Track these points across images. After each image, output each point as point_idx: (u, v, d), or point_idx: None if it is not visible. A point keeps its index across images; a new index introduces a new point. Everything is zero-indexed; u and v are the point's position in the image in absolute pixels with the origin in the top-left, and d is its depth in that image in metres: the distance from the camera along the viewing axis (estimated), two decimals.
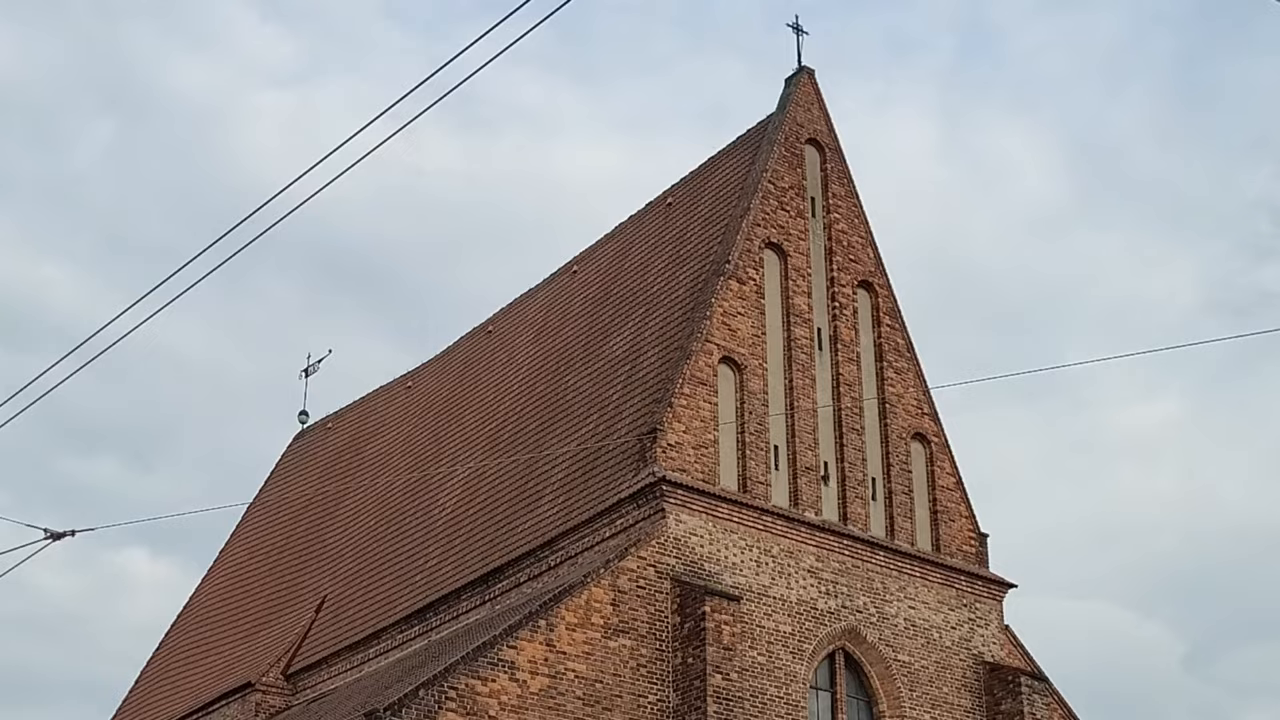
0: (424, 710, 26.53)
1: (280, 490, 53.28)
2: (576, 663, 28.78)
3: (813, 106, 37.81)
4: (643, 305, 37.30)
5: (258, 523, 52.78)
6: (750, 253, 34.95)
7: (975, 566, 36.06)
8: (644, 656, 29.79)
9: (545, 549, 33.40)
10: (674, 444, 31.84)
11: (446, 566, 37.03)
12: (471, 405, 43.57)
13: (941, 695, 34.19)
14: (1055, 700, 35.77)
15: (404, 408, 48.84)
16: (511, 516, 35.79)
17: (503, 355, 44.21)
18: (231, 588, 50.18)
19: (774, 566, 32.27)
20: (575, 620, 29.04)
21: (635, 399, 34.02)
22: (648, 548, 30.63)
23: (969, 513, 36.63)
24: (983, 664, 35.09)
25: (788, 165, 36.66)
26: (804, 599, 32.53)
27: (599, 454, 33.81)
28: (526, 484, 36.19)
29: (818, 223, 36.84)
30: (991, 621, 35.80)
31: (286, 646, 41.50)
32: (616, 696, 29.13)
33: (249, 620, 46.33)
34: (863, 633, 33.33)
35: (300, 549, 47.43)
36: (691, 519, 31.39)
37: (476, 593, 35.03)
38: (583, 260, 43.59)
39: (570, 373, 38.65)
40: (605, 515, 32.13)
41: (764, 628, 31.52)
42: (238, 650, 44.75)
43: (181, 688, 46.36)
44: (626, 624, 29.75)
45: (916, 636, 34.25)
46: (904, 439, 36.33)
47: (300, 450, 55.14)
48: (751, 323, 34.33)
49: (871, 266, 37.30)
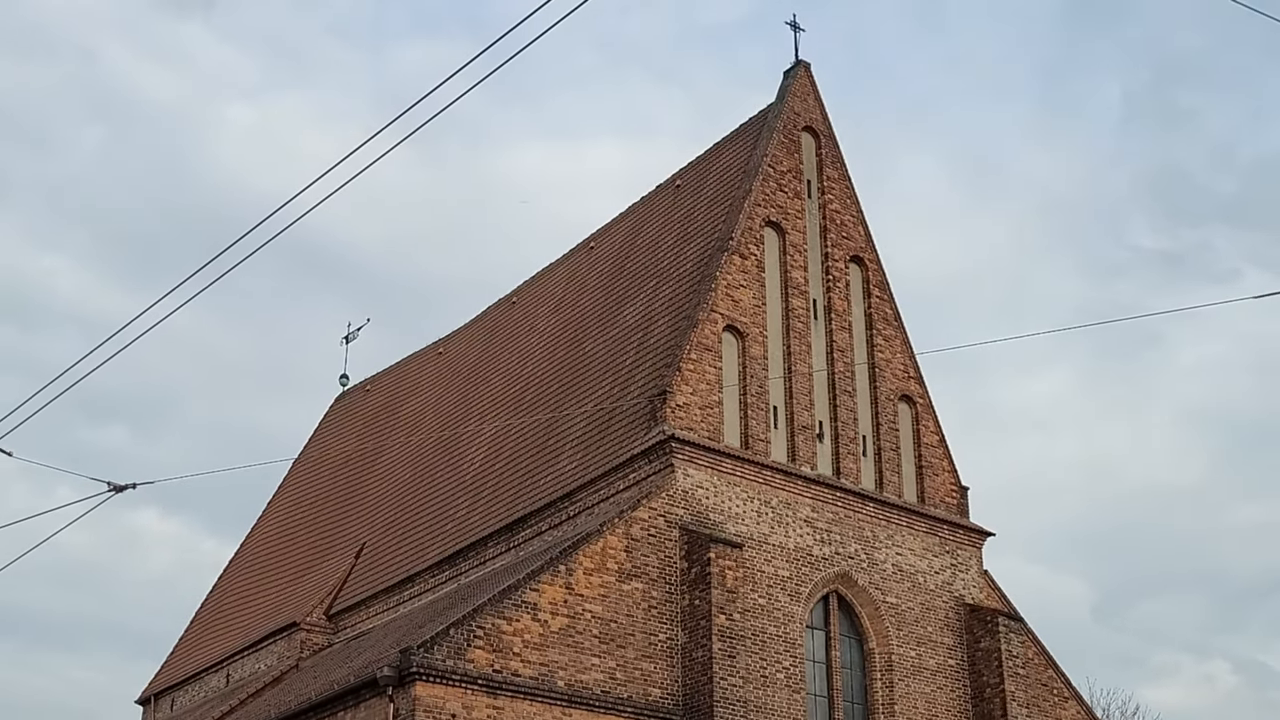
0: (454, 648, 26.68)
1: (322, 447, 53.38)
2: (593, 604, 28.90)
3: (809, 97, 37.78)
4: (653, 278, 37.32)
5: (302, 477, 52.90)
6: (751, 230, 34.98)
7: (957, 517, 36.15)
8: (655, 599, 29.91)
9: (564, 500, 33.50)
10: (682, 405, 31.92)
11: (474, 516, 37.15)
12: (497, 369, 43.62)
13: (926, 634, 34.32)
14: (1030, 639, 35.92)
15: (436, 372, 48.88)
16: (533, 471, 35.89)
17: (525, 324, 44.23)
18: (278, 536, 50.31)
19: (773, 516, 32.38)
20: (592, 565, 29.16)
21: (647, 364, 34.07)
22: (658, 499, 30.74)
23: (951, 467, 36.71)
24: (963, 605, 35.20)
25: (786, 151, 36.66)
26: (800, 546, 32.64)
27: (614, 414, 33.89)
28: (547, 441, 36.29)
29: (813, 203, 36.85)
30: (971, 567, 35.91)
31: (329, 589, 41.64)
32: (630, 635, 29.27)
33: (294, 565, 46.47)
34: (854, 577, 33.44)
35: (341, 500, 47.54)
36: (698, 473, 31.50)
37: (502, 540, 35.14)
38: (599, 237, 43.59)
39: (587, 340, 38.70)
40: (619, 470, 32.22)
41: (764, 572, 31.64)
42: (284, 593, 44.89)
43: (233, 627, 46.51)
44: (639, 569, 29.87)
45: (903, 580, 34.37)
46: (892, 400, 36.39)
47: (341, 411, 55.23)
48: (753, 294, 34.38)
49: (862, 243, 37.32)
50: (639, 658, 29.17)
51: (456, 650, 26.63)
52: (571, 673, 28.03)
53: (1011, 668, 34.26)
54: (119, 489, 24.29)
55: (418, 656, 26.11)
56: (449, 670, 26.34)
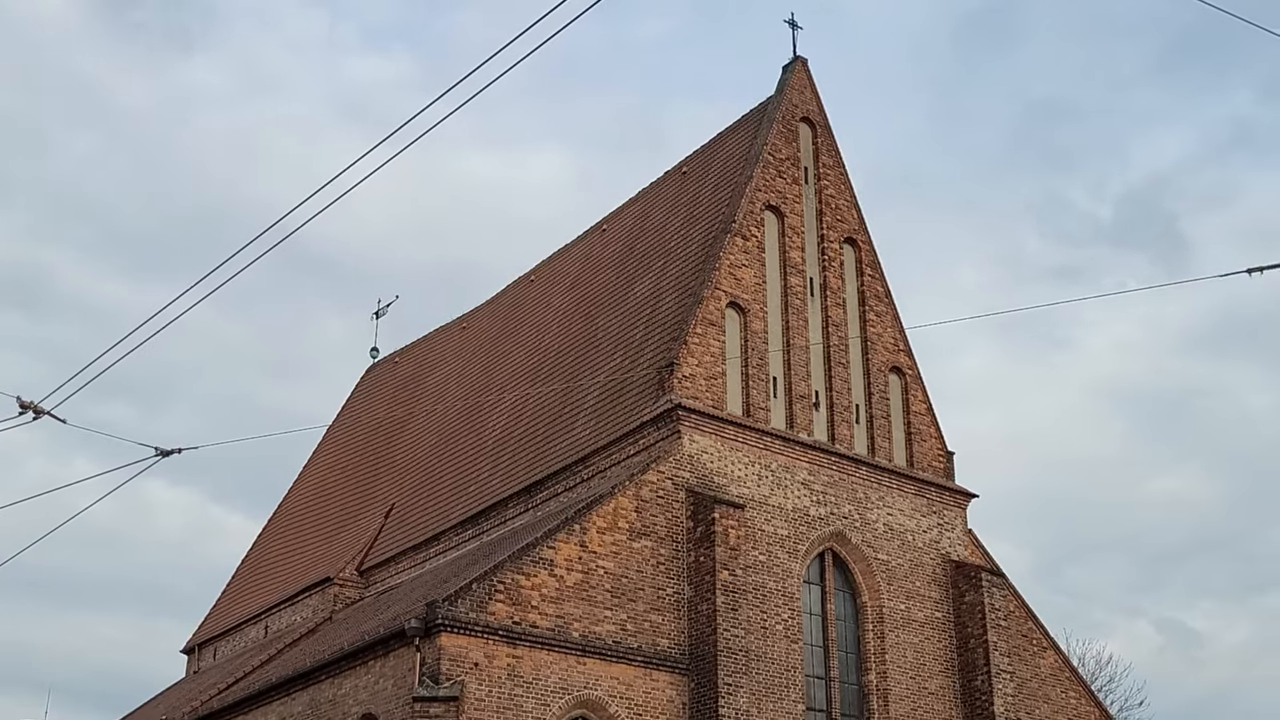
0: (477, 601, 26.77)
1: (354, 415, 53.48)
2: (605, 561, 28.97)
3: (805, 90, 37.71)
4: (661, 258, 37.32)
5: (335, 443, 52.99)
6: (753, 214, 34.96)
7: (943, 480, 36.17)
8: (663, 556, 29.98)
9: (579, 464, 33.55)
10: (688, 375, 31.95)
11: (495, 479, 37.22)
12: (516, 343, 43.64)
13: (914, 588, 34.38)
14: (1010, 593, 35.97)
15: (459, 345, 48.91)
16: (550, 437, 35.94)
17: (543, 301, 44.25)
18: (313, 498, 50.43)
19: (772, 479, 32.43)
20: (604, 525, 29.22)
21: (655, 337, 34.09)
22: (666, 463, 30.79)
23: (938, 434, 36.72)
24: (949, 562, 35.25)
25: (784, 140, 36.62)
26: (798, 507, 32.69)
27: (624, 384, 33.93)
28: (563, 409, 36.33)
29: (810, 188, 36.82)
30: (957, 526, 35.95)
31: (360, 547, 41.73)
32: (639, 589, 29.34)
33: (328, 525, 46.58)
34: (848, 535, 33.50)
35: (371, 464, 47.63)
36: (703, 439, 31.54)
37: (520, 501, 35.21)
38: (611, 220, 43.57)
39: (600, 315, 38.71)
40: (630, 436, 32.27)
41: (764, 531, 31.70)
42: (319, 550, 45.01)
43: (271, 582, 46.66)
44: (648, 528, 29.93)
45: (893, 539, 34.42)
46: (883, 371, 36.39)
47: (371, 381, 55.30)
48: (754, 273, 34.37)
49: (855, 225, 37.28)
50: (648, 610, 29.24)
51: (479, 603, 26.72)
52: (585, 624, 28.11)
53: (994, 620, 34.33)
54: (165, 454, 24.29)
55: (443, 609, 26.21)
56: (472, 622, 26.43)
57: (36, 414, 22.31)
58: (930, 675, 33.82)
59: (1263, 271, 19.41)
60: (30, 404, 22.12)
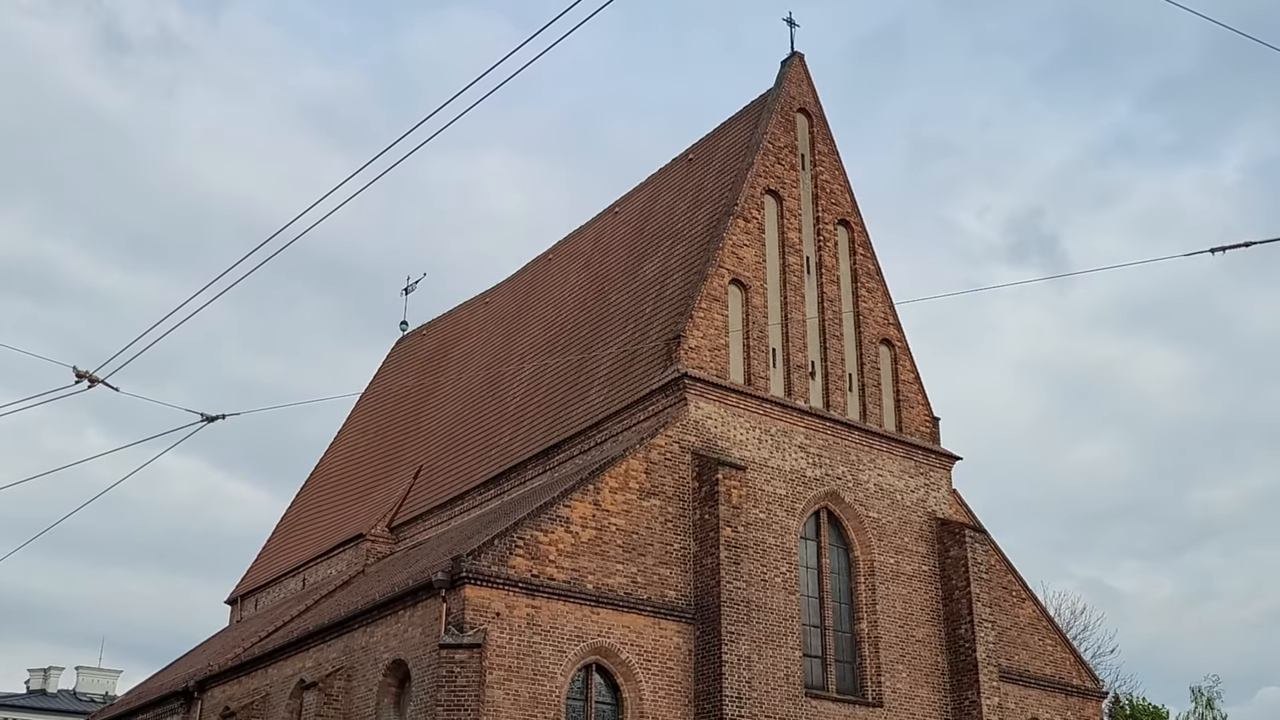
0: (498, 555, 26.83)
1: (385, 383, 53.55)
2: (617, 518, 29.00)
3: (802, 83, 37.59)
4: (669, 238, 37.28)
5: (367, 410, 53.06)
6: (753, 197, 34.90)
7: (930, 443, 36.16)
8: (670, 513, 30.01)
9: (593, 429, 33.56)
10: (694, 347, 31.94)
11: (516, 443, 37.25)
12: (535, 317, 43.65)
13: (903, 544, 34.41)
14: (992, 548, 35.99)
15: (483, 318, 48.92)
16: (566, 404, 35.96)
17: (559, 278, 44.23)
18: (347, 460, 50.52)
19: (772, 443, 32.44)
20: (616, 485, 29.24)
21: (663, 312, 34.07)
22: (673, 428, 30.80)
23: (925, 401, 36.70)
24: (935, 519, 35.27)
25: (783, 129, 36.53)
26: (795, 468, 32.71)
27: (635, 355, 33.92)
28: (578, 379, 36.34)
29: (806, 174, 36.73)
30: (942, 486, 35.96)
31: (390, 505, 41.79)
32: (649, 545, 29.39)
33: (361, 485, 46.67)
34: (842, 495, 33.52)
35: (401, 429, 47.70)
36: (707, 406, 31.54)
37: (539, 463, 35.24)
38: (622, 203, 43.52)
39: (612, 291, 38.69)
40: (640, 403, 32.27)
41: (764, 491, 31.73)
42: (352, 508, 45.10)
43: (308, 537, 46.77)
44: (657, 488, 29.95)
45: (884, 498, 34.44)
46: (874, 343, 36.36)
47: (401, 352, 55.34)
48: (754, 252, 34.33)
49: (849, 209, 37.21)
50: (657, 564, 29.29)
51: (500, 558, 26.78)
52: (599, 577, 28.15)
53: (976, 573, 34.36)
54: (210, 419, 24.27)
55: (467, 563, 26.27)
56: (494, 575, 26.49)
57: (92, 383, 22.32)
58: (917, 624, 33.86)
59: (1225, 250, 19.25)
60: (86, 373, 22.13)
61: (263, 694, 34.43)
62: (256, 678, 35.34)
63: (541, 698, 26.47)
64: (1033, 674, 36.07)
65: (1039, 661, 36.46)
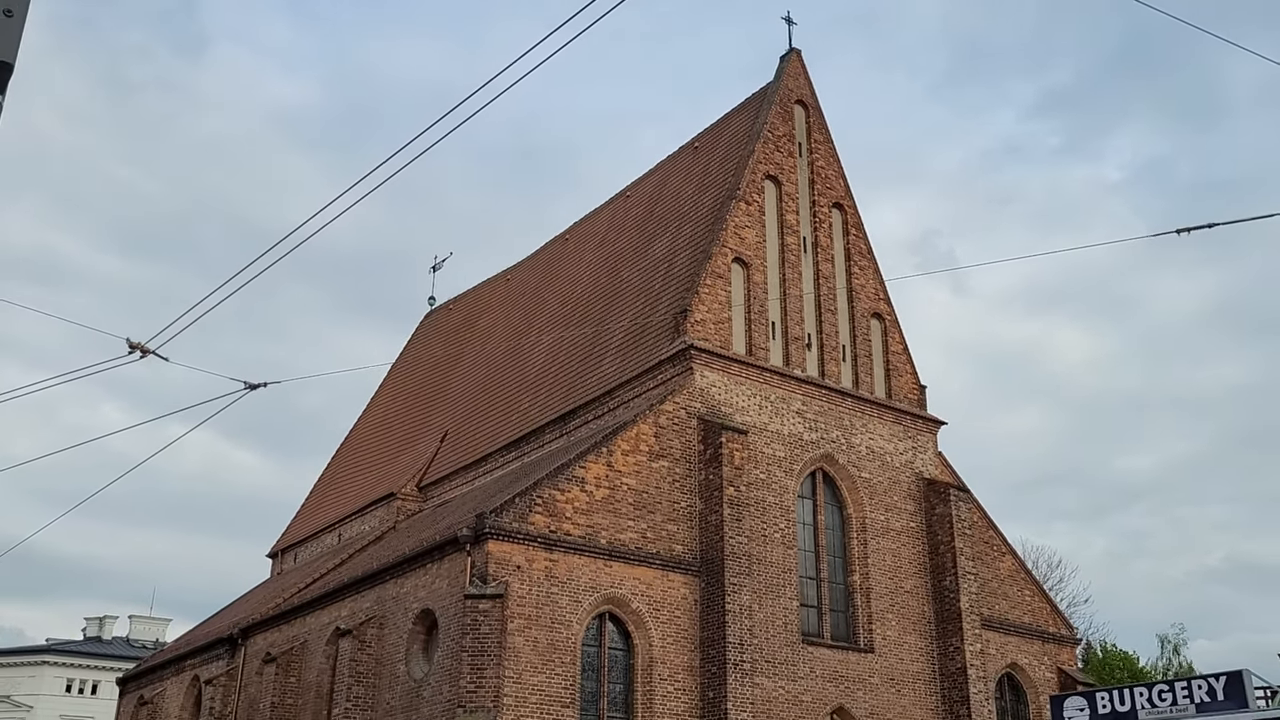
0: (519, 513, 26.92)
1: (414, 354, 53.63)
2: (629, 478, 29.06)
3: (800, 77, 37.49)
4: (677, 220, 37.25)
5: (397, 378, 53.15)
6: (754, 182, 34.86)
7: (917, 409, 36.16)
8: (678, 474, 30.06)
9: (606, 396, 33.61)
10: (699, 320, 31.95)
11: (535, 409, 37.30)
12: (553, 292, 43.65)
13: (893, 502, 34.46)
14: (974, 506, 36.02)
15: (504, 294, 48.94)
16: (582, 373, 36.00)
17: (575, 256, 44.22)
18: (378, 425, 50.63)
19: (771, 409, 32.46)
20: (628, 448, 29.30)
21: (671, 288, 34.07)
22: (680, 395, 30.84)
23: (913, 370, 36.69)
24: (922, 479, 35.31)
25: (782, 119, 36.45)
26: (793, 433, 32.74)
27: (645, 328, 33.94)
28: (593, 350, 36.37)
29: (803, 161, 36.66)
30: (929, 449, 35.97)
31: (419, 466, 41.88)
32: (657, 503, 29.44)
33: (391, 447, 46.78)
34: (836, 457, 33.55)
35: (429, 396, 47.78)
36: (712, 374, 31.57)
37: (556, 428, 35.30)
38: (633, 188, 43.48)
39: (624, 269, 38.67)
40: (649, 372, 32.30)
41: (764, 453, 31.77)
42: (383, 469, 45.22)
43: (342, 496, 46.90)
44: (665, 450, 30.00)
45: (874, 460, 34.47)
46: (866, 317, 36.34)
47: (428, 325, 55.40)
48: (755, 233, 34.30)
49: (842, 193, 37.14)
50: (665, 521, 29.35)
51: (520, 515, 26.86)
52: (612, 533, 28.22)
53: (960, 529, 34.41)
54: (253, 387, 24.18)
55: (490, 520, 26.35)
56: (514, 531, 26.57)
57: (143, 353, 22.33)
58: (906, 576, 33.93)
59: (1190, 231, 19.06)
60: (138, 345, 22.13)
61: (301, 640, 34.60)
62: (295, 625, 35.50)
63: (559, 644, 26.57)
64: (1012, 622, 36.14)
65: (1018, 611, 36.51)
